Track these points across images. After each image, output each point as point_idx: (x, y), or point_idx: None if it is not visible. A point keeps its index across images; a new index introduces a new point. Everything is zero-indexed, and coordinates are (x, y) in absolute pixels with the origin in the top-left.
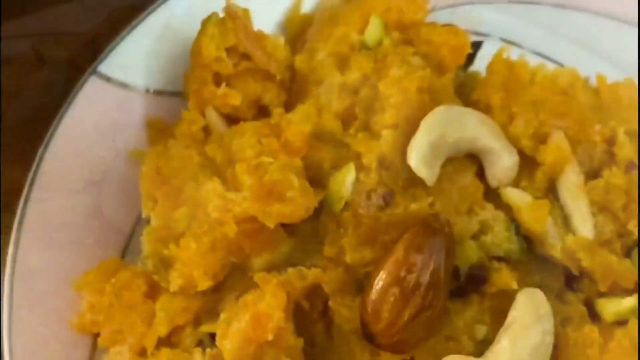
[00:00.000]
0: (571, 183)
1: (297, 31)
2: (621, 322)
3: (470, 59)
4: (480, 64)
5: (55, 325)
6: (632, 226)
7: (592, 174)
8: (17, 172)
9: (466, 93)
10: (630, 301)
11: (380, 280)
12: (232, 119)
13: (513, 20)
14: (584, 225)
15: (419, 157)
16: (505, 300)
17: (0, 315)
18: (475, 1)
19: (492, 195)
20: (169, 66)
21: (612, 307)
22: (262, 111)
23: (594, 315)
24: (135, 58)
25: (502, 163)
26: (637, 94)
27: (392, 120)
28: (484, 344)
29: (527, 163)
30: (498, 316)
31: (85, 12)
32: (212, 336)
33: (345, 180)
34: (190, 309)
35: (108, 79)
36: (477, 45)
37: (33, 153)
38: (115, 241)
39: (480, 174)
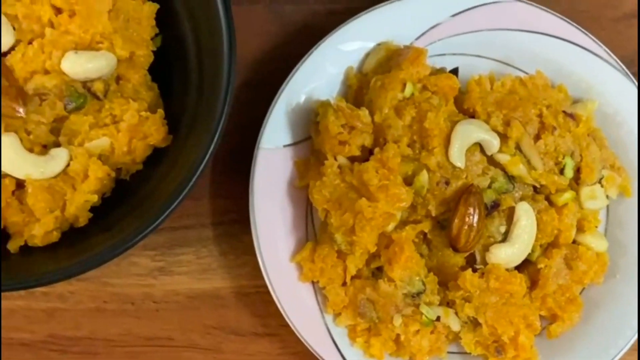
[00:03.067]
0: (527, 145)
1: (357, 88)
2: (564, 205)
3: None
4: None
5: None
6: (560, 159)
7: (536, 137)
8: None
9: (460, 102)
10: (567, 194)
11: (456, 224)
12: (350, 158)
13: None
14: (538, 164)
15: (454, 156)
16: (511, 212)
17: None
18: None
19: (491, 161)
20: (294, 126)
21: (560, 199)
22: (363, 150)
23: (551, 204)
24: (277, 130)
25: (492, 144)
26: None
27: (436, 143)
28: (506, 234)
29: (503, 138)
30: (509, 220)
31: None
32: (377, 268)
33: (423, 180)
34: (364, 258)
35: (265, 149)
36: (456, 70)
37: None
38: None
39: (482, 151)
